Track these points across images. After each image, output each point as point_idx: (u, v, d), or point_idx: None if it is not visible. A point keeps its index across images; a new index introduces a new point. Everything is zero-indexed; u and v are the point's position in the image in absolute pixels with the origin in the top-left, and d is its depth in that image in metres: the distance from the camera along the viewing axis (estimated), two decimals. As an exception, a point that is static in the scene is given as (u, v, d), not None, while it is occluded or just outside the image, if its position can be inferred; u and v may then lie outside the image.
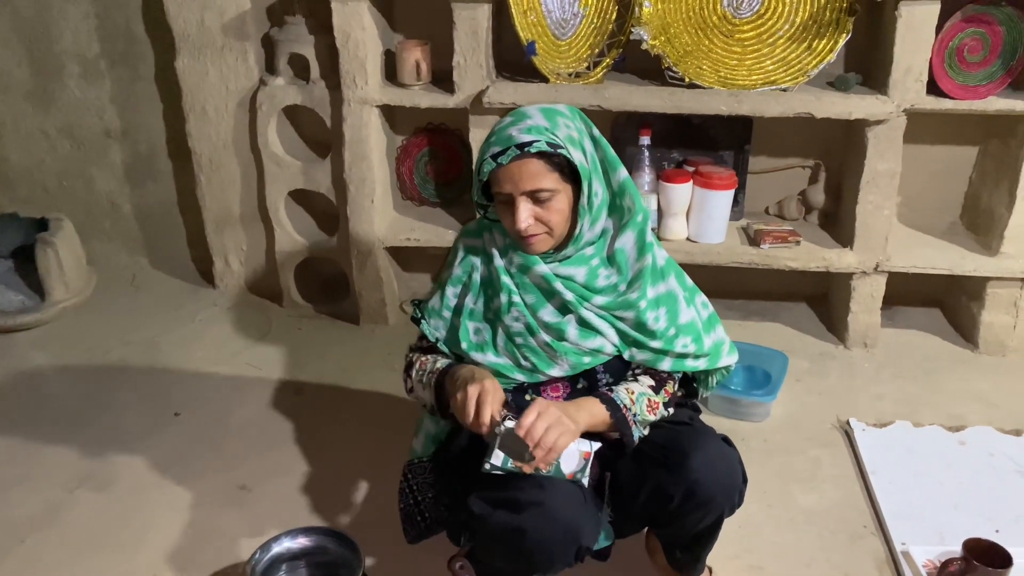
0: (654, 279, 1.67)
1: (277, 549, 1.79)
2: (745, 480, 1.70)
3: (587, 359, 1.69)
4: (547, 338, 1.67)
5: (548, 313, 1.67)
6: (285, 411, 2.65)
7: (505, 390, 1.62)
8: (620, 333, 1.68)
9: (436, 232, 2.97)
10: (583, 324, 1.66)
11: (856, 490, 2.32)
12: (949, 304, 3.08)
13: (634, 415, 1.64)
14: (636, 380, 1.70)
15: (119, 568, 2.05)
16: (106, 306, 3.25)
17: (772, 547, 2.10)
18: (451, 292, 1.76)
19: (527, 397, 1.69)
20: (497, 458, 1.49)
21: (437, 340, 1.76)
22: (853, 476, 2.37)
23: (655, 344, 1.68)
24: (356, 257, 3.00)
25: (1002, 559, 1.87)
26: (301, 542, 1.80)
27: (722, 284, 3.00)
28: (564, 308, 1.66)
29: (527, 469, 1.50)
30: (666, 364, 1.70)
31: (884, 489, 2.28)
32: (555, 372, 1.70)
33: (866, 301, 2.85)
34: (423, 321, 1.79)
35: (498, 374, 1.70)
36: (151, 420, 2.61)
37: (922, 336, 3.01)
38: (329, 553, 1.80)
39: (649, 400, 1.67)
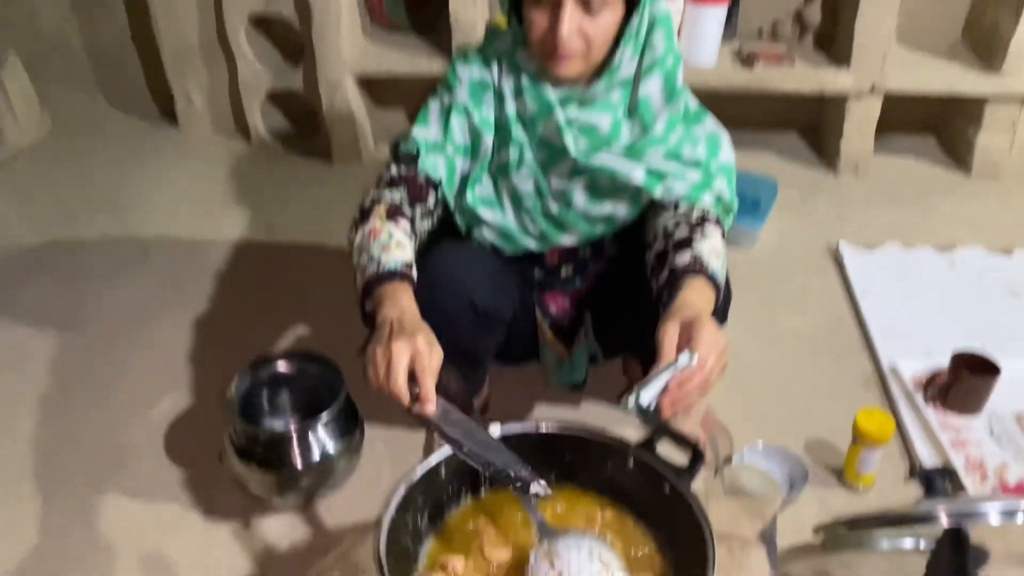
0: (687, 122, 1.50)
1: (257, 375, 1.73)
2: (729, 297, 1.62)
3: (599, 228, 1.59)
4: (555, 207, 1.55)
5: (557, 175, 1.51)
6: (256, 251, 2.56)
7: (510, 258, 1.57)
8: (650, 172, 1.47)
9: (411, 61, 2.79)
10: (593, 189, 1.52)
11: (845, 312, 2.29)
12: (944, 129, 2.99)
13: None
14: (704, 235, 1.39)
15: (91, 408, 1.99)
16: (64, 148, 3.08)
17: (756, 368, 2.08)
18: (457, 124, 1.48)
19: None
20: (649, 395, 1.18)
21: (439, 182, 1.49)
22: (842, 299, 2.34)
23: (693, 176, 1.47)
24: (324, 89, 2.83)
25: (989, 368, 1.86)
26: (281, 367, 1.74)
27: (713, 111, 2.86)
28: (575, 170, 1.49)
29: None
30: (707, 200, 1.47)
31: (873, 309, 2.25)
32: (566, 241, 1.61)
33: (860, 125, 2.74)
34: (420, 158, 1.47)
35: (507, 238, 1.61)
36: (119, 261, 2.51)
37: (915, 162, 2.93)
38: (311, 377, 1.75)
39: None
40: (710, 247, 1.35)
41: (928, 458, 1.81)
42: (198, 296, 2.36)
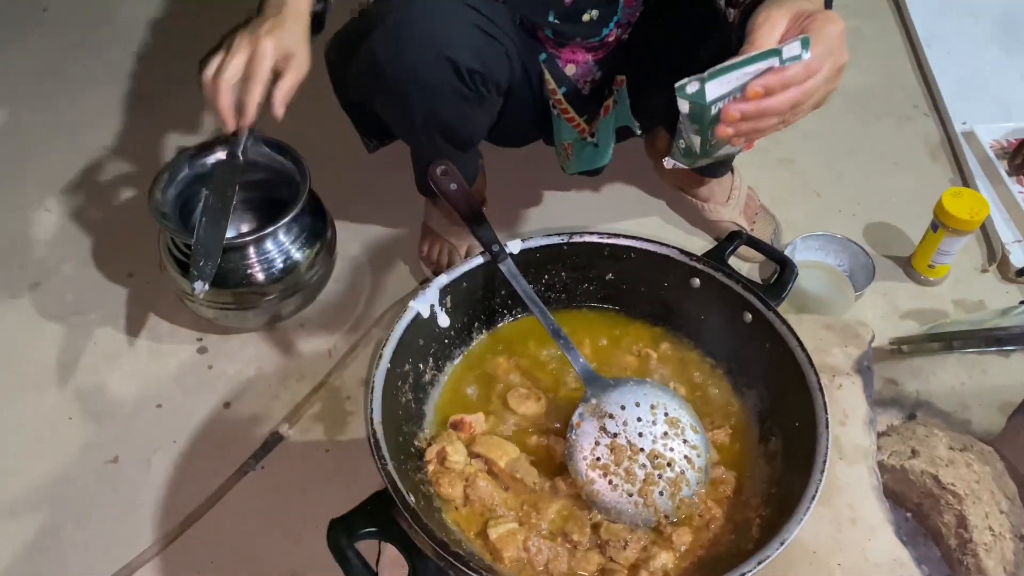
0: None
1: (194, 166, 1.34)
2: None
3: None
4: None
5: None
6: (181, 7, 2.06)
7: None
8: None
9: None
10: None
11: (905, 66, 1.91)
12: None
13: None
14: None
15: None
16: None
17: (805, 137, 1.73)
18: None
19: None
20: (717, 88, 0.81)
21: None
22: (902, 49, 1.95)
23: None
24: None
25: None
26: (224, 155, 1.34)
27: None
28: None
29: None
30: None
31: (940, 62, 1.87)
32: None
33: None
34: None
35: None
36: (12, 21, 2.01)
37: None
38: (264, 168, 1.36)
39: None
40: None
41: (1013, 241, 1.52)
42: (112, 64, 1.91)
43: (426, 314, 0.93)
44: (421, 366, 0.95)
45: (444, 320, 0.96)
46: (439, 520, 0.84)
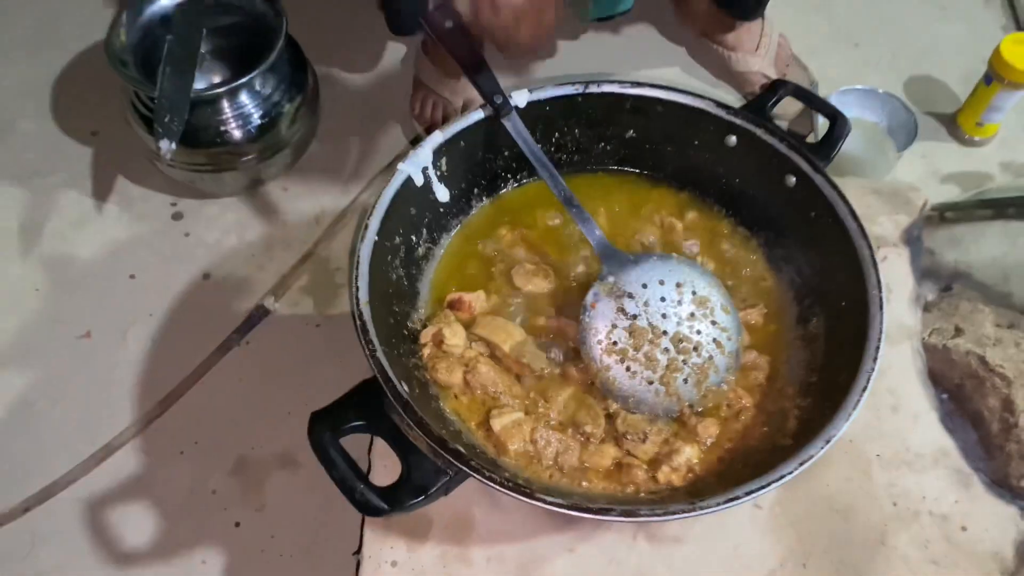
0: None
1: (156, 6, 1.18)
2: None
3: None
4: None
5: None
6: None
7: None
8: None
9: None
10: None
11: None
12: None
13: None
14: None
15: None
16: None
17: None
18: None
19: None
20: None
21: None
22: None
23: None
24: None
25: None
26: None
27: None
28: None
29: None
30: None
31: None
32: None
33: None
34: None
35: None
36: None
37: None
38: (234, 9, 1.20)
39: None
40: None
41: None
42: None
43: (419, 179, 0.81)
44: (414, 238, 0.83)
45: (439, 187, 0.83)
46: (436, 410, 0.74)
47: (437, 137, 0.82)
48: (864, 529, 0.79)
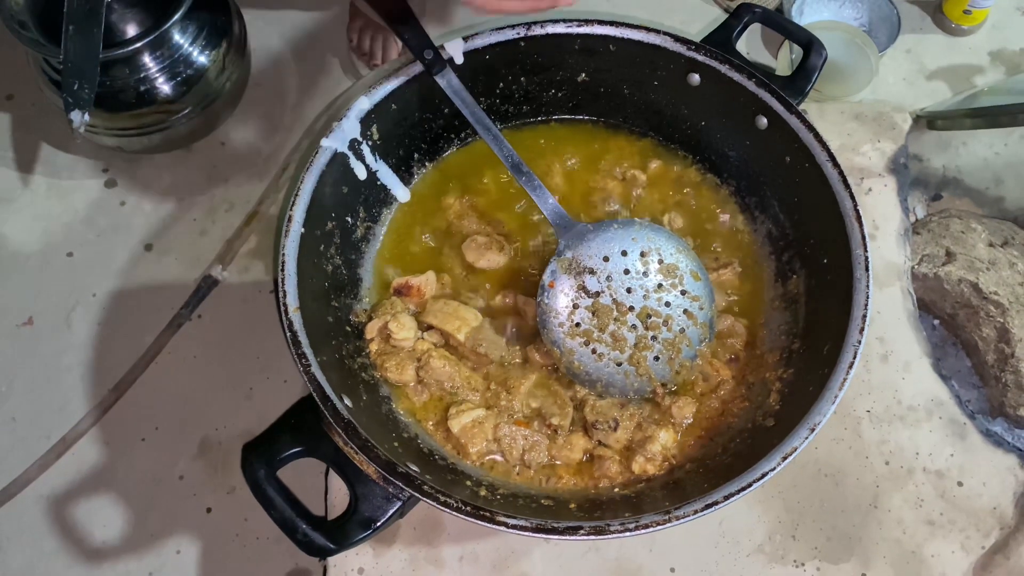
0: None
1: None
2: None
3: None
4: None
5: None
6: None
7: None
8: None
9: None
10: None
11: None
12: None
13: None
14: None
15: None
16: None
17: None
18: None
19: None
20: None
21: None
22: None
23: None
24: None
25: None
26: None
27: None
28: None
29: None
30: None
31: None
32: None
33: None
34: None
35: None
36: None
37: None
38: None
39: None
40: None
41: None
42: None
43: (347, 153, 0.72)
44: (349, 219, 0.75)
45: (371, 158, 0.74)
46: (388, 414, 0.68)
47: (364, 103, 0.73)
48: (855, 492, 0.75)
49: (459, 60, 0.73)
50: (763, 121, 0.73)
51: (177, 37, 1.07)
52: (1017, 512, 0.74)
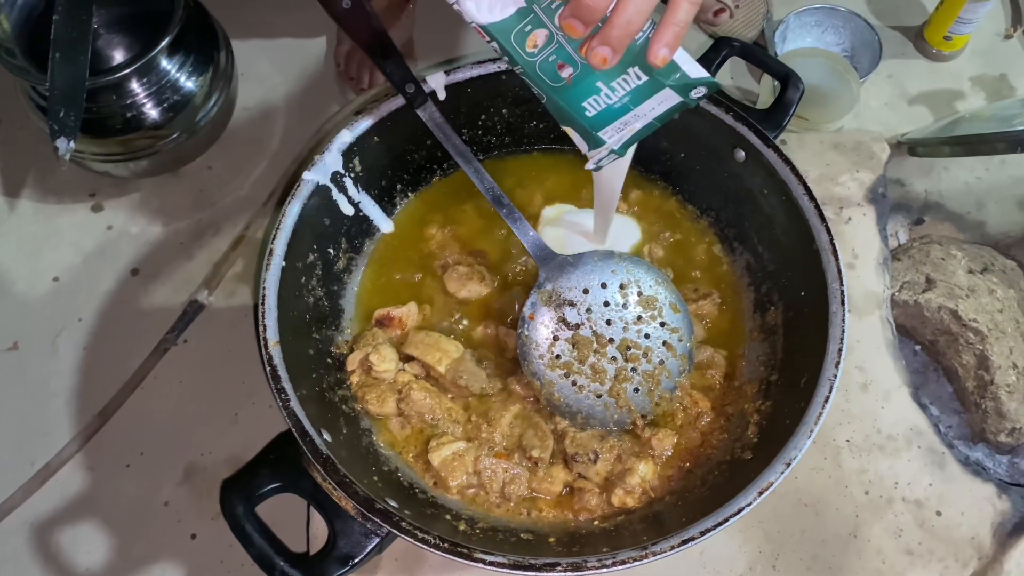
0: None
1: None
2: None
3: None
4: None
5: None
6: None
7: None
8: None
9: None
10: None
11: None
12: None
13: None
14: None
15: None
16: None
17: None
18: None
19: None
20: None
21: None
22: None
23: None
24: None
25: None
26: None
27: None
28: None
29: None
30: None
31: None
32: None
33: None
34: None
35: None
36: None
37: None
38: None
39: None
40: None
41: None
42: None
43: (330, 187, 0.72)
44: (331, 251, 0.75)
45: (354, 190, 0.75)
46: (368, 447, 0.69)
47: (345, 136, 0.73)
48: (835, 522, 0.76)
49: (441, 95, 0.74)
50: (741, 154, 0.73)
51: (164, 63, 1.07)
52: (995, 542, 0.75)
